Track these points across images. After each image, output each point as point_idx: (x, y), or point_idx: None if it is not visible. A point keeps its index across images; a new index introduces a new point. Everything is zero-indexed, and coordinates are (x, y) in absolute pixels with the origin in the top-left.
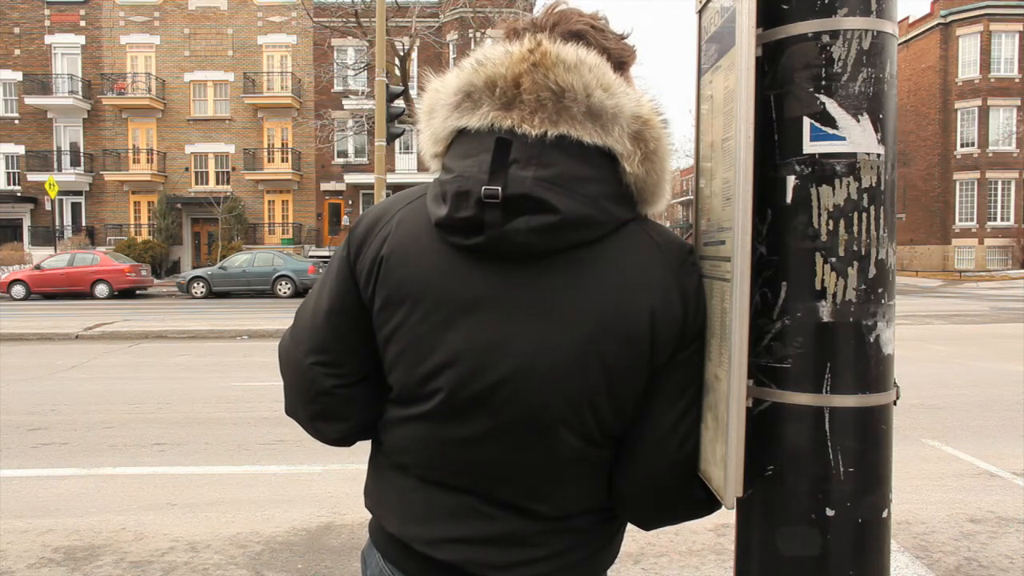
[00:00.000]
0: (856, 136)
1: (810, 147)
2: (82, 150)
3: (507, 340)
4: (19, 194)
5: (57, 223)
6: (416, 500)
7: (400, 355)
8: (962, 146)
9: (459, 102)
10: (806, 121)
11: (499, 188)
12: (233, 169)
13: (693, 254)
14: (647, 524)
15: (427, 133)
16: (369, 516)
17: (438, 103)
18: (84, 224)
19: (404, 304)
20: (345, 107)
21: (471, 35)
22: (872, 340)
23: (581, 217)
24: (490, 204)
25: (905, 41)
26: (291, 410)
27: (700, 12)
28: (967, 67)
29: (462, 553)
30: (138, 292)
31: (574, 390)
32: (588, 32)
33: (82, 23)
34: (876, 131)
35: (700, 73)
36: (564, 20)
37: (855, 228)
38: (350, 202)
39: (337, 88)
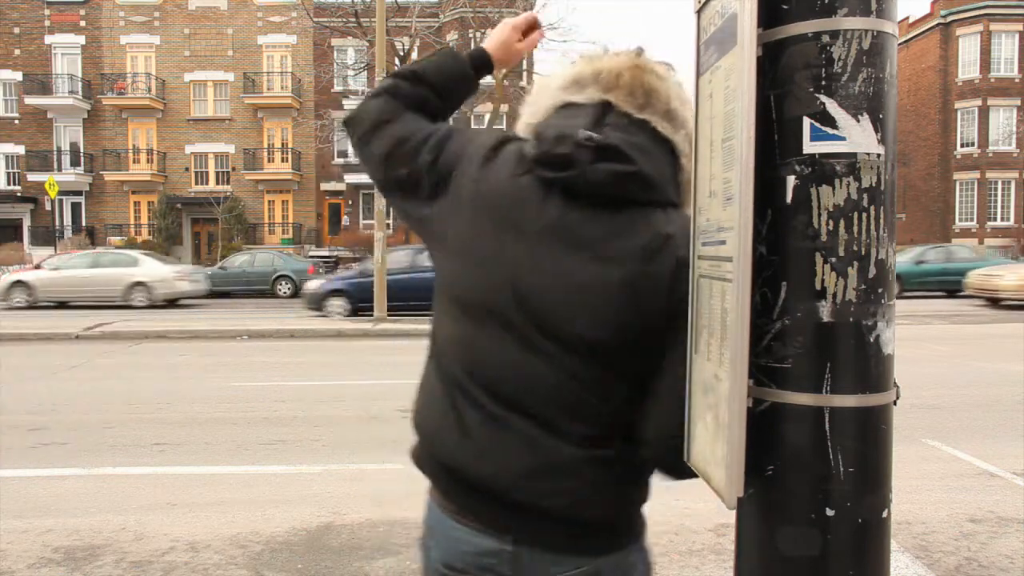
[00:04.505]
0: (856, 136)
1: (810, 147)
2: (82, 150)
3: (558, 270)
4: (19, 194)
5: (57, 223)
6: (453, 417)
7: (462, 265)
8: (962, 146)
9: (567, 86)
10: (806, 121)
11: (594, 135)
12: (233, 169)
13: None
14: (672, 471)
15: (531, 109)
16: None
17: (549, 85)
18: (84, 224)
19: (477, 218)
20: (345, 107)
21: (471, 35)
22: (872, 340)
23: (650, 176)
24: (584, 146)
25: (905, 41)
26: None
27: (699, 12)
28: (967, 67)
29: (488, 468)
30: None
31: (608, 317)
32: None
33: (82, 23)
34: (876, 131)
35: (699, 73)
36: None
37: (855, 228)
38: (350, 202)
39: (337, 88)
